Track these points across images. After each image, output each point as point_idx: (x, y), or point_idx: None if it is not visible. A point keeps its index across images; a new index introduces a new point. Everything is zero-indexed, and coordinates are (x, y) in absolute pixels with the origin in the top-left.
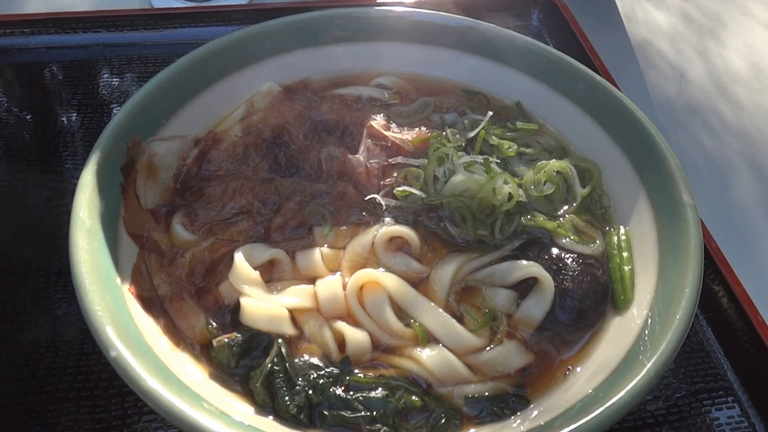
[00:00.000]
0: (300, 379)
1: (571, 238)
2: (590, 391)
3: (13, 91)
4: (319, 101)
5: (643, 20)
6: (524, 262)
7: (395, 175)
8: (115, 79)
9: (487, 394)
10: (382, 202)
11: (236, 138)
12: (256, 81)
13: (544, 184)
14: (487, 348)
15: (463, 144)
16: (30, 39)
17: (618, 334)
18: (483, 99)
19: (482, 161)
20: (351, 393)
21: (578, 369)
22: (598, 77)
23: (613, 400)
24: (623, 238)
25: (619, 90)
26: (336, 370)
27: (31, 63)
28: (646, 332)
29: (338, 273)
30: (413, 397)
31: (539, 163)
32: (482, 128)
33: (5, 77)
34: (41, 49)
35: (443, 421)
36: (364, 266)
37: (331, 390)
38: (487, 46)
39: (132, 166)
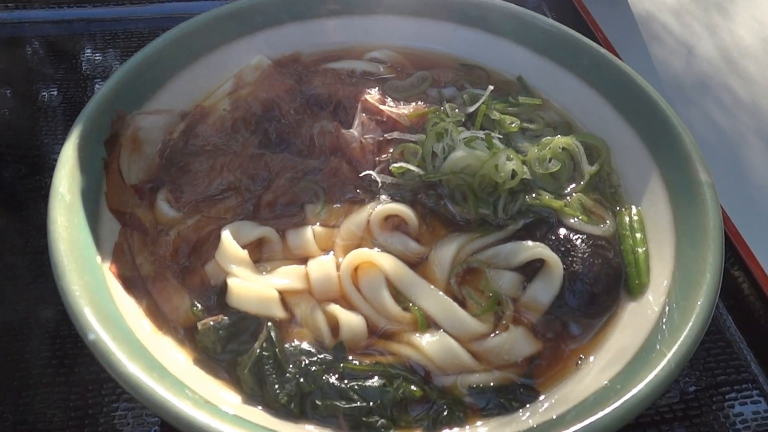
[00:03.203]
0: (291, 365)
1: (580, 217)
2: (606, 382)
3: None
4: (311, 75)
5: None
6: (530, 242)
7: (391, 150)
8: (98, 55)
9: (492, 384)
10: (378, 179)
11: (224, 112)
12: (245, 55)
13: (550, 161)
14: (492, 334)
15: (463, 119)
16: (13, 14)
17: (633, 321)
18: (482, 73)
19: (484, 136)
20: (345, 381)
21: (591, 358)
22: (604, 50)
23: (632, 393)
24: (635, 218)
25: None
26: (329, 357)
27: (14, 38)
28: (664, 320)
29: (331, 253)
30: (412, 387)
31: (544, 140)
32: (483, 102)
33: None
34: (25, 23)
35: (445, 413)
36: (358, 246)
37: (324, 378)
38: (486, 19)
39: (116, 140)
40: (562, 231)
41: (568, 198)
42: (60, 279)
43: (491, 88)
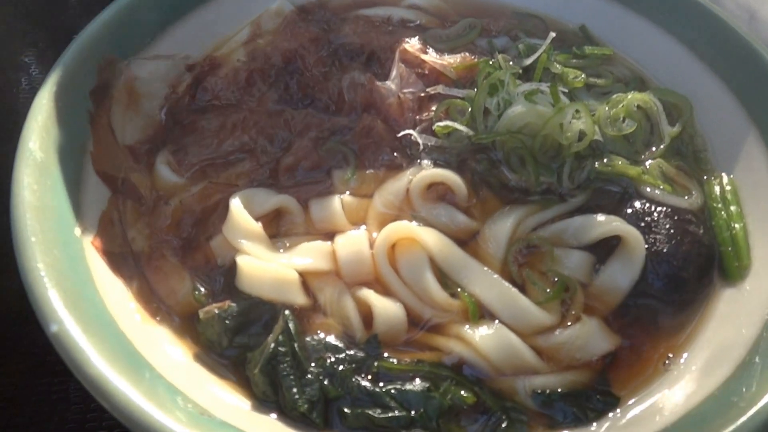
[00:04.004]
0: (313, 364)
1: (662, 187)
2: (713, 390)
3: None
4: (340, 23)
5: None
6: (603, 216)
7: (434, 108)
8: None
9: (561, 388)
10: (419, 140)
11: (239, 63)
12: None
13: (623, 121)
14: (560, 327)
15: (519, 72)
16: None
17: (734, 312)
18: (538, 22)
19: (547, 88)
20: (381, 384)
21: (682, 357)
22: None
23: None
24: (728, 188)
25: None
26: (360, 354)
27: None
28: None
29: (363, 227)
30: (463, 392)
31: (615, 96)
32: (543, 52)
33: None
34: None
35: (505, 424)
36: (396, 219)
37: (353, 380)
38: None
39: (106, 91)
40: (640, 203)
41: (645, 164)
42: (20, 254)
43: (553, 34)
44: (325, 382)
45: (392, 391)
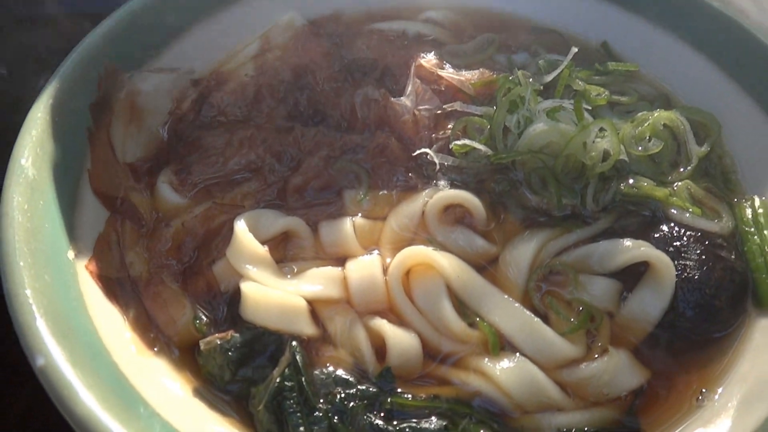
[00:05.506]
0: (321, 400)
1: (691, 210)
2: (754, 428)
3: None
4: (353, 37)
5: None
6: (629, 241)
7: (451, 125)
8: None
9: (588, 427)
10: (435, 159)
11: (247, 78)
12: (273, 11)
13: (649, 140)
14: (586, 361)
15: (540, 89)
16: None
17: None
18: (558, 37)
19: (570, 105)
20: (394, 423)
21: (717, 393)
22: (716, 4)
23: None
24: (760, 211)
25: None
26: (372, 389)
27: None
28: None
29: (376, 252)
30: (483, 431)
31: (640, 115)
32: (565, 67)
33: None
34: None
35: None
36: (411, 243)
37: (365, 417)
38: None
39: (106, 105)
40: (668, 227)
41: (673, 186)
42: (6, 278)
43: (575, 50)
44: (335, 420)
45: (407, 429)
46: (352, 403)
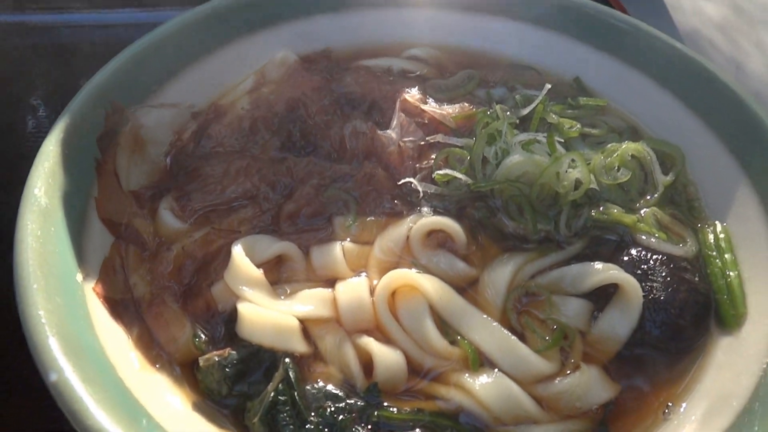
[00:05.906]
0: (313, 413)
1: (657, 235)
2: None
3: None
4: (343, 73)
5: (690, 10)
6: (600, 264)
7: (434, 156)
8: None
9: None
10: (419, 188)
11: (243, 111)
12: (268, 49)
13: (618, 170)
14: (560, 376)
15: (516, 122)
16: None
17: (731, 361)
18: (534, 74)
19: (544, 138)
20: None
21: (682, 407)
22: (680, 45)
23: None
24: (722, 236)
25: None
26: (360, 402)
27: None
28: None
29: (364, 274)
30: None
31: (610, 146)
32: (539, 102)
33: None
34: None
35: None
36: (396, 266)
37: (354, 430)
38: (541, 13)
39: (112, 137)
40: (636, 251)
41: (641, 213)
42: (22, 300)
43: (548, 86)
44: None
45: None
46: (341, 416)
